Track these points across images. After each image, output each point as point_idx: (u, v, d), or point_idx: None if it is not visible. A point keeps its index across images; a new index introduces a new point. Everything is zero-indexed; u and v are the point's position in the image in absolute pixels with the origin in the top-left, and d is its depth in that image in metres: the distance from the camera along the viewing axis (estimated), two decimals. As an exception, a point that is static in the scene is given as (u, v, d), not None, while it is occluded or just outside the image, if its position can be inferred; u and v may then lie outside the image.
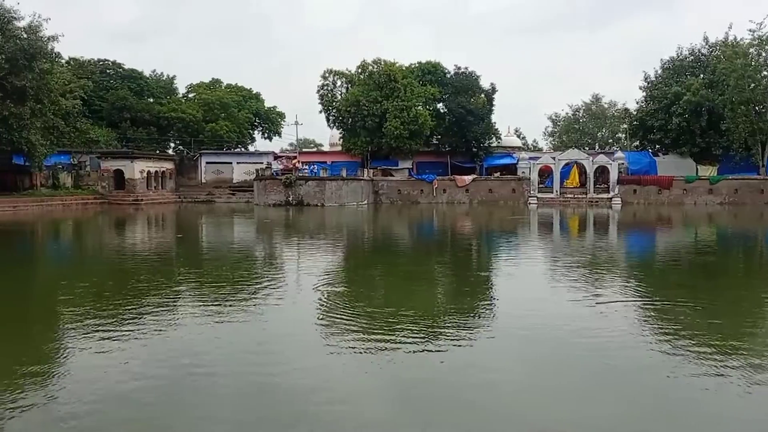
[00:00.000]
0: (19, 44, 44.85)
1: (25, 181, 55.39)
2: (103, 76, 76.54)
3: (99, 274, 18.02)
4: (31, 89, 45.88)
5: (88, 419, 6.69)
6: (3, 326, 11.24)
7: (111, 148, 67.37)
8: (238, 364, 8.70)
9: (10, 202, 46.55)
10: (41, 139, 49.75)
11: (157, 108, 77.58)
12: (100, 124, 71.45)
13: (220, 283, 15.14)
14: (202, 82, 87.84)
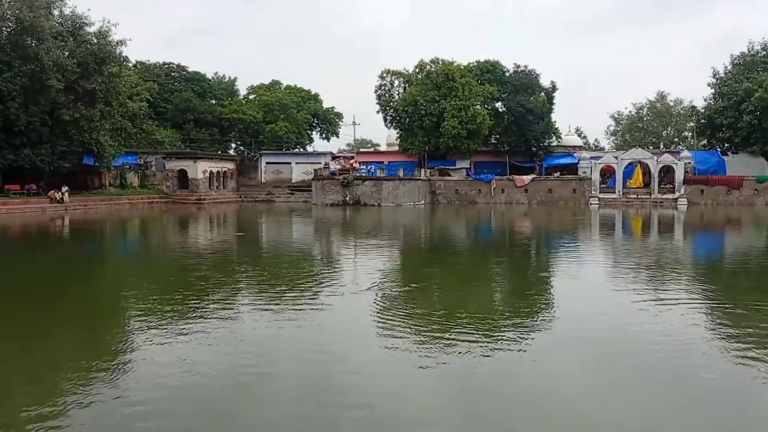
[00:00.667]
0: (90, 49, 46.66)
1: (95, 180, 57.59)
2: (167, 79, 78.89)
3: (164, 270, 18.55)
4: (100, 92, 47.65)
5: (153, 412, 6.84)
6: (74, 320, 11.66)
7: (175, 148, 69.31)
8: (296, 360, 8.76)
9: (81, 200, 48.47)
10: (110, 140, 51.64)
11: (219, 109, 79.43)
12: (165, 125, 73.65)
13: (279, 281, 15.33)
14: (262, 83, 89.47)
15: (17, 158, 43.66)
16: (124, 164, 61.05)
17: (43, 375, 8.21)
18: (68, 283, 16.06)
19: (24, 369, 8.45)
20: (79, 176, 55.25)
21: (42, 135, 45.49)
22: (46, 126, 45.80)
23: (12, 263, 20.28)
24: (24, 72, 42.88)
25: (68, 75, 45.69)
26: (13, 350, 9.26)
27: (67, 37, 46.59)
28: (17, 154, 43.66)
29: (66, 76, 45.47)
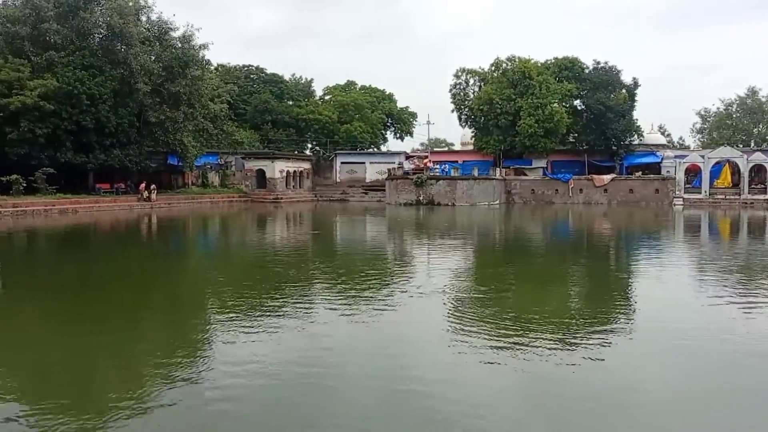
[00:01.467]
0: (174, 53, 48.58)
1: (179, 180, 59.89)
2: (247, 81, 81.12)
3: (242, 267, 19.07)
4: (184, 95, 49.52)
5: (228, 403, 7.00)
6: (157, 312, 12.13)
7: (254, 149, 71.14)
8: (367, 358, 8.80)
9: (165, 199, 50.49)
10: (193, 140, 53.63)
11: (295, 110, 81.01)
12: (244, 126, 75.74)
13: (353, 280, 15.44)
14: (337, 84, 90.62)
15: (107, 158, 45.90)
16: (206, 164, 63.15)
17: (127, 366, 8.56)
18: (153, 277, 16.74)
19: (108, 363, 8.82)
20: (164, 176, 57.58)
21: (130, 136, 47.67)
22: (134, 127, 47.98)
23: (103, 258, 21.32)
24: (114, 76, 45.05)
25: (154, 78, 47.72)
26: (98, 342, 9.70)
27: (153, 42, 48.68)
28: (107, 154, 45.91)
29: (152, 79, 47.50)
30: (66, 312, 11.95)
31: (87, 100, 42.92)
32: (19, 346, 9.41)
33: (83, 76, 43.09)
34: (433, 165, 64.18)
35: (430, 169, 61.59)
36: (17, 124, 40.78)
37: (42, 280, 16.11)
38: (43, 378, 7.95)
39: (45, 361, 8.66)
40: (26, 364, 8.54)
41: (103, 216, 39.74)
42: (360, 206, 56.49)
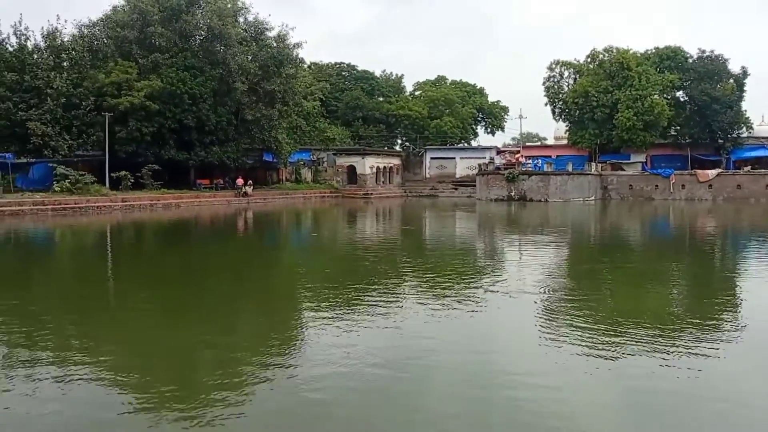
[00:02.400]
0: (270, 52, 50.08)
1: (273, 176, 61.73)
2: (339, 78, 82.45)
3: (334, 261, 19.39)
4: (279, 93, 50.95)
5: (322, 397, 7.13)
6: (251, 306, 12.52)
7: (345, 145, 72.25)
8: (456, 355, 8.73)
9: (261, 194, 52.16)
10: (287, 137, 55.16)
11: (386, 106, 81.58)
12: (335, 123, 77.06)
13: (443, 275, 15.36)
14: (428, 79, 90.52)
15: (207, 155, 47.91)
16: (299, 160, 64.74)
17: (224, 356, 8.84)
18: (250, 269, 17.31)
19: (207, 352, 9.17)
20: (259, 172, 59.50)
21: (228, 134, 49.54)
22: (232, 125, 49.83)
23: (203, 250, 22.32)
24: (213, 76, 46.94)
25: (251, 77, 49.37)
26: (198, 331, 10.11)
27: (250, 42, 50.39)
28: (207, 151, 47.91)
29: (249, 78, 49.17)
30: (169, 302, 12.53)
31: (189, 100, 44.93)
32: (127, 334, 9.95)
33: (185, 77, 45.13)
34: (525, 160, 62.92)
35: (522, 164, 60.43)
36: (126, 123, 43.24)
37: (148, 271, 17.03)
38: (146, 366, 8.35)
39: (149, 349, 9.10)
40: (132, 351, 9.01)
41: (203, 210, 41.52)
42: (449, 202, 56.22)
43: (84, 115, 42.82)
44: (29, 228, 29.05)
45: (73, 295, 13.42)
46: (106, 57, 46.25)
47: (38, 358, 8.27)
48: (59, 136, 41.17)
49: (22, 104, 40.51)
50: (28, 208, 33.47)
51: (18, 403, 6.72)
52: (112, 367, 8.01)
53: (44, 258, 20.59)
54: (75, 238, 26.86)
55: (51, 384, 7.26)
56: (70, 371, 7.69)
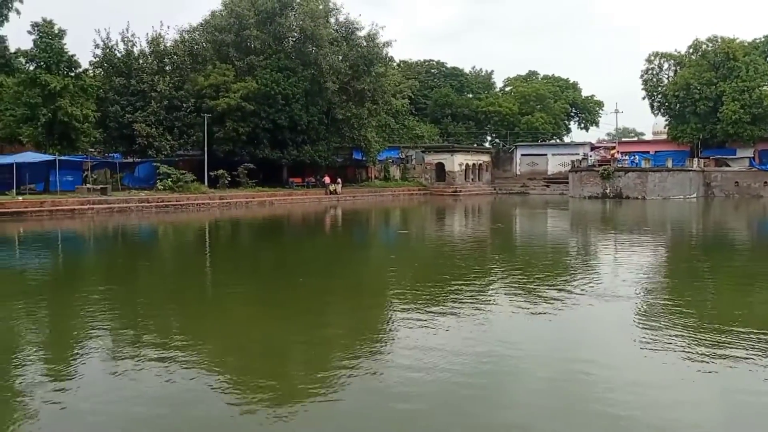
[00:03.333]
0: (360, 52, 50.68)
1: (362, 173, 62.49)
2: (428, 76, 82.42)
3: (422, 258, 19.41)
4: (368, 92, 51.49)
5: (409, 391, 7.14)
6: (341, 301, 12.72)
7: (433, 142, 72.14)
8: (545, 354, 8.55)
9: (350, 192, 52.96)
10: (376, 136, 55.68)
11: (475, 103, 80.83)
12: (424, 120, 77.11)
13: (534, 274, 15.06)
14: (518, 75, 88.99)
15: (299, 154, 49.10)
16: (388, 158, 65.24)
17: (314, 349, 9.04)
18: (339, 265, 17.62)
19: (298, 345, 9.39)
20: (349, 170, 60.43)
21: (319, 133, 50.57)
22: (323, 125, 50.82)
23: (295, 246, 22.92)
24: (305, 76, 48.03)
25: (341, 77, 50.13)
26: (290, 324, 10.38)
27: (341, 42, 51.17)
28: (300, 150, 49.10)
29: (339, 78, 49.95)
30: (263, 296, 12.96)
31: (282, 100, 46.19)
32: (223, 326, 10.35)
33: (279, 78, 46.42)
34: (621, 156, 60.62)
35: (618, 160, 58.27)
36: (223, 123, 44.98)
37: (244, 266, 17.68)
38: (240, 358, 8.67)
39: (243, 341, 9.44)
40: (228, 343, 9.36)
41: (295, 208, 42.61)
42: (541, 199, 55.03)
43: (185, 116, 44.89)
44: (135, 224, 30.80)
45: (174, 288, 14.12)
46: (205, 60, 48.28)
47: (142, 346, 8.75)
48: (162, 137, 43.36)
49: (129, 107, 42.95)
50: (134, 205, 35.46)
51: (124, 388, 7.14)
52: (209, 358, 8.37)
53: (149, 252, 21.77)
54: (176, 234, 28.23)
55: (153, 371, 7.66)
56: (171, 360, 8.08)
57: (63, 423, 6.28)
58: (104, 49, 44.76)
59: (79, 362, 8.15)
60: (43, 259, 19.05)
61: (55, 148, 38.51)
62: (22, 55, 37.95)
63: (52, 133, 38.44)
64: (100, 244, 24.11)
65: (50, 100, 37.00)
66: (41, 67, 37.54)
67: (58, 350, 8.83)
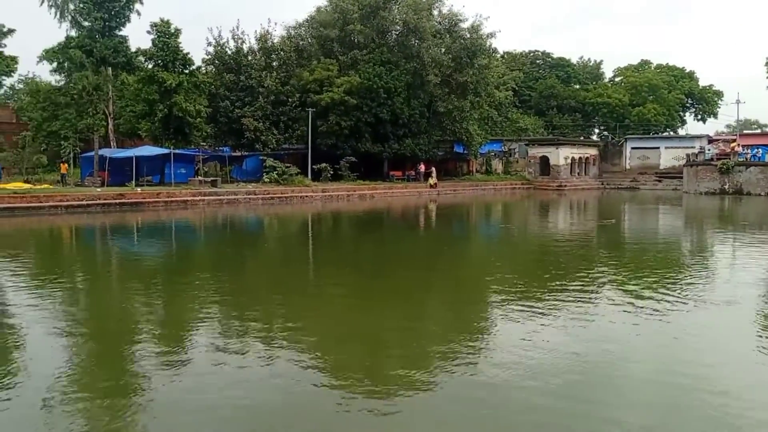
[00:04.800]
0: (463, 44, 50.04)
1: (464, 167, 61.89)
2: (532, 67, 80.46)
3: (524, 254, 18.87)
4: (471, 84, 50.81)
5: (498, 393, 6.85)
6: (439, 295, 12.52)
7: (538, 135, 70.34)
8: (651, 355, 8.09)
9: (451, 185, 52.57)
10: (478, 129, 54.88)
11: (582, 94, 78.08)
12: (528, 112, 75.34)
13: (642, 274, 14.20)
14: (629, 64, 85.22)
15: (400, 147, 49.24)
16: (490, 152, 64.21)
17: (410, 343, 8.91)
18: (438, 258, 17.38)
19: (394, 338, 9.28)
20: (450, 163, 60.02)
21: (421, 126, 50.48)
22: (424, 118, 50.70)
23: (394, 239, 22.94)
24: (408, 70, 48.04)
25: (444, 69, 49.75)
26: (387, 317, 10.29)
27: (444, 35, 50.76)
28: (400, 143, 49.23)
29: (442, 70, 49.59)
30: (363, 287, 12.99)
31: (384, 94, 46.44)
32: (323, 316, 10.44)
33: (381, 72, 46.68)
34: (743, 149, 56.47)
35: (739, 154, 54.33)
36: (326, 118, 45.81)
37: (344, 257, 17.88)
38: (342, 347, 8.68)
39: (344, 330, 9.47)
40: (330, 332, 9.42)
41: (395, 201, 42.77)
42: (652, 195, 52.37)
43: (290, 111, 46.09)
44: (242, 215, 31.96)
45: (278, 278, 14.45)
46: (310, 56, 49.37)
47: (247, 334, 8.96)
48: (269, 131, 44.74)
49: (238, 102, 44.61)
50: (242, 197, 36.79)
51: (230, 374, 7.29)
52: (310, 348, 8.46)
53: (255, 242, 22.48)
54: (281, 225, 29.00)
55: (257, 359, 7.80)
56: (275, 348, 8.22)
57: (170, 408, 6.49)
58: (216, 46, 46.72)
59: (188, 348, 8.46)
60: (159, 247, 20.11)
61: (170, 142, 40.69)
62: (142, 54, 40.24)
63: (167, 128, 40.61)
64: (211, 233, 25.17)
65: (166, 97, 39.09)
66: (158, 65, 39.73)
67: (168, 336, 9.19)
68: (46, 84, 47.13)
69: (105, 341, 9.01)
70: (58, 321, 9.99)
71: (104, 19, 36.52)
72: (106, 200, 31.02)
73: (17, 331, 9.26)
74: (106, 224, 26.10)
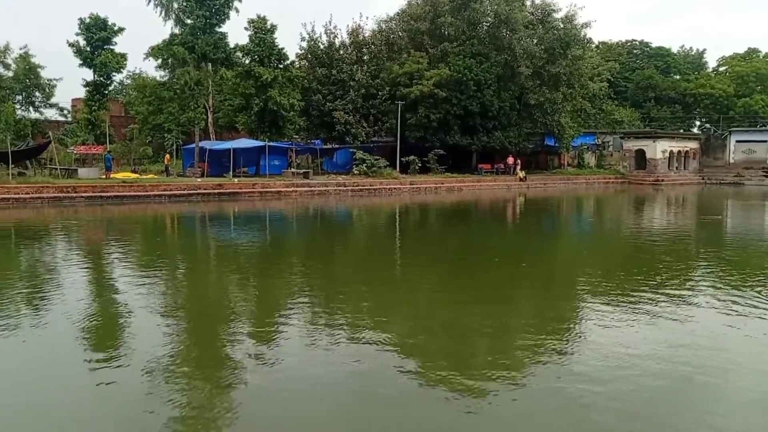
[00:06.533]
0: (556, 34, 48.90)
1: (554, 160, 60.51)
2: (629, 57, 77.49)
3: (616, 251, 18.43)
4: (564, 75, 49.61)
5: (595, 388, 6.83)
6: (527, 290, 12.46)
7: (633, 128, 67.75)
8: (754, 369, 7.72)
9: (541, 179, 51.61)
10: (570, 121, 53.54)
11: (683, 85, 74.52)
12: (624, 104, 72.66)
13: (746, 275, 13.58)
14: (735, 53, 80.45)
15: (489, 140, 48.81)
16: (582, 145, 62.43)
17: (499, 337, 8.99)
18: (527, 253, 17.27)
19: (482, 332, 9.38)
20: (541, 156, 58.86)
21: (511, 118, 49.82)
22: (515, 110, 50.00)
23: (482, 232, 22.93)
24: (498, 62, 47.49)
25: (535, 61, 48.85)
26: (474, 310, 10.39)
27: (536, 25, 49.77)
28: (490, 136, 48.79)
29: (533, 62, 48.71)
30: (449, 279, 13.14)
31: (474, 86, 46.14)
32: (411, 307, 10.70)
33: (471, 64, 46.38)
34: None
35: None
36: (416, 110, 46.01)
37: (431, 249, 18.09)
38: (427, 340, 8.88)
39: (430, 322, 9.67)
40: (416, 323, 9.65)
41: (483, 194, 42.49)
42: (758, 191, 49.44)
43: (380, 104, 46.62)
44: (332, 206, 32.76)
45: (366, 268, 14.85)
46: (400, 49, 49.67)
47: (335, 322, 9.32)
48: (359, 124, 45.45)
49: (330, 96, 45.56)
50: (332, 188, 37.68)
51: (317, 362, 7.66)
52: (396, 339, 8.67)
53: (344, 233, 23.10)
54: (369, 217, 29.53)
55: (344, 348, 8.13)
56: (361, 338, 8.53)
57: (259, 393, 6.88)
58: (309, 41, 47.88)
59: (279, 334, 8.86)
60: (254, 235, 21.03)
61: (265, 134, 42.18)
62: (240, 50, 41.84)
63: (262, 121, 42.10)
64: (302, 223, 26.01)
65: (262, 91, 40.51)
66: (255, 60, 41.21)
67: (260, 321, 9.70)
68: (151, 79, 49.95)
69: (202, 323, 9.63)
70: (160, 301, 10.79)
71: (205, 16, 38.22)
72: (205, 190, 32.62)
73: (124, 311, 10.09)
74: (205, 213, 27.49)
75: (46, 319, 9.38)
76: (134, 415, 6.12)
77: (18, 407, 6.33)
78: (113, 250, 17.47)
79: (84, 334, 8.71)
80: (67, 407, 6.41)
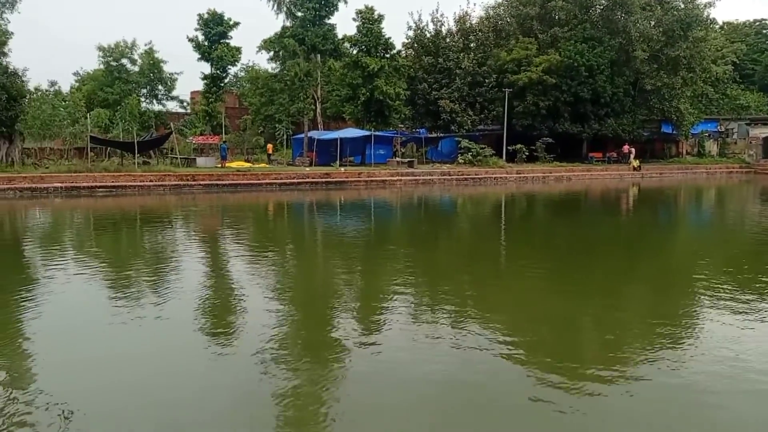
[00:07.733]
0: (676, 15, 46.26)
1: (672, 149, 57.37)
2: (757, 38, 71.92)
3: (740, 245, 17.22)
4: (684, 59, 46.85)
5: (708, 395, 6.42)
6: (638, 286, 11.87)
7: (762, 114, 62.93)
8: None
9: (657, 169, 49.12)
10: (689, 107, 50.54)
11: (820, 66, 68.29)
12: (751, 88, 67.58)
13: None
14: None
15: (601, 128, 46.96)
16: (703, 132, 58.78)
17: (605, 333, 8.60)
18: (638, 246, 16.44)
19: (587, 328, 9.03)
20: (657, 144, 56.02)
21: (624, 105, 47.68)
22: (629, 96, 47.82)
23: (592, 224, 22.16)
24: (612, 46, 45.52)
25: (652, 44, 46.43)
26: (581, 305, 10.03)
27: (654, 7, 47.28)
28: (601, 124, 46.94)
29: (650, 45, 46.32)
30: (557, 271, 12.74)
31: (585, 72, 44.50)
32: (515, 297, 10.49)
33: (583, 49, 44.72)
34: None
35: None
36: (523, 98, 45.02)
37: (538, 240, 17.72)
38: (533, 333, 8.64)
39: (535, 314, 9.41)
40: (520, 315, 9.44)
41: (594, 183, 41.00)
42: None
43: (486, 92, 45.93)
44: (437, 195, 32.71)
45: (470, 257, 14.71)
46: (508, 35, 48.69)
47: (438, 311, 9.29)
48: (464, 113, 45.01)
49: (435, 84, 45.37)
50: (436, 177, 37.62)
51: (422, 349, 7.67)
52: (499, 329, 8.52)
53: (448, 222, 23.01)
54: (474, 206, 29.26)
55: (447, 339, 8.09)
56: (464, 328, 8.45)
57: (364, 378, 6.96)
58: (416, 30, 47.85)
59: (383, 321, 8.92)
60: (360, 223, 21.40)
61: (371, 124, 42.70)
62: (347, 41, 42.53)
63: (368, 110, 42.65)
64: (407, 212, 26.17)
65: (368, 81, 41.03)
66: (362, 50, 41.74)
67: (366, 307, 9.80)
68: (264, 71, 51.77)
69: (309, 308, 9.88)
70: (270, 285, 11.21)
71: (315, 8, 39.12)
72: (314, 179, 33.50)
73: (236, 293, 10.55)
74: (313, 201, 28.24)
75: (173, 293, 10.08)
76: (248, 386, 6.43)
77: (149, 378, 6.74)
78: (229, 234, 18.36)
79: (202, 313, 9.20)
80: (193, 378, 6.77)
